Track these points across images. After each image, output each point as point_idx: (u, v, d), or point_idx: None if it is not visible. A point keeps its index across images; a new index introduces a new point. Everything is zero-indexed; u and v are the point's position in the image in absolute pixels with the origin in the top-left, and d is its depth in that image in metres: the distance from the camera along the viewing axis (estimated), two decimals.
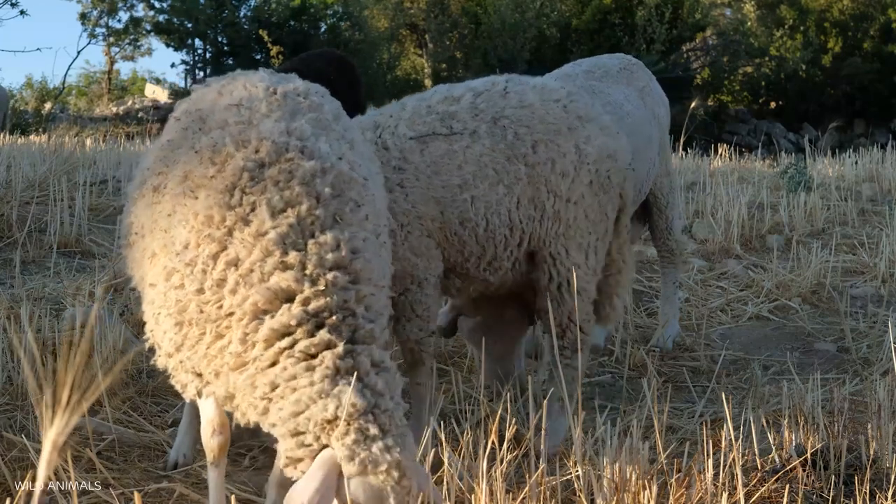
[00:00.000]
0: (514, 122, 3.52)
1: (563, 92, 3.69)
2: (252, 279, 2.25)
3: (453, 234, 3.43)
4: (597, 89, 4.59)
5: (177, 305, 2.34)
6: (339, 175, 2.43)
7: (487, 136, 3.47)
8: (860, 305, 5.83)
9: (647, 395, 3.50)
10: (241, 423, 2.37)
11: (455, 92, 3.63)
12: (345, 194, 2.41)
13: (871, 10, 23.67)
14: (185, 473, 3.29)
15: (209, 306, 2.28)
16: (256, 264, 2.25)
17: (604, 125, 3.71)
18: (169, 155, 2.59)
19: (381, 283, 2.45)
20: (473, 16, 22.62)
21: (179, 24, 24.28)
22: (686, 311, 5.72)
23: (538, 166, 3.50)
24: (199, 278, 2.29)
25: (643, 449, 2.65)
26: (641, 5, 21.34)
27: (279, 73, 2.88)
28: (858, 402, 4.09)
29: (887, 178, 9.64)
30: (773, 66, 23.59)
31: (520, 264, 3.58)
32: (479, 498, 2.52)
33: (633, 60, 5.07)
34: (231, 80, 2.79)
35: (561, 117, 3.59)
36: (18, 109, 20.64)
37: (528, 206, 3.51)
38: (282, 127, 2.47)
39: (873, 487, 2.93)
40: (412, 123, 3.49)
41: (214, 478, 2.72)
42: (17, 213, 6.19)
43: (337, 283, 2.26)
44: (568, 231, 3.57)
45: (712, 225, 7.36)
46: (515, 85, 3.65)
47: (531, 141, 3.52)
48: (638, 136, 4.64)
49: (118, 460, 3.39)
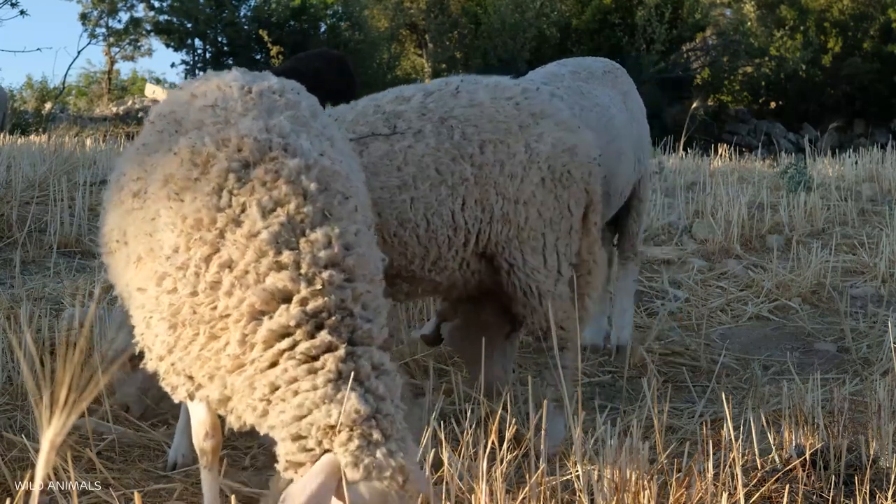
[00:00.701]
0: (462, 121, 3.46)
1: (517, 89, 3.62)
2: (248, 280, 2.24)
3: (392, 235, 3.37)
4: (584, 90, 4.56)
5: (169, 309, 2.33)
6: (323, 169, 2.41)
7: (433, 136, 3.41)
8: (860, 305, 5.83)
9: (647, 395, 3.50)
10: (236, 426, 2.35)
11: (407, 92, 3.58)
12: (331, 188, 2.40)
13: (871, 10, 23.66)
14: (185, 473, 3.29)
15: (203, 308, 2.28)
16: (251, 265, 2.25)
17: (561, 120, 3.62)
18: (146, 159, 2.57)
19: (375, 279, 2.45)
20: (473, 16, 22.63)
21: (179, 25, 24.28)
22: (686, 311, 5.72)
23: (486, 167, 3.44)
24: (192, 281, 2.28)
25: (643, 449, 2.65)
26: (641, 5, 21.33)
27: (278, 73, 2.87)
28: (858, 402, 4.09)
29: (887, 178, 9.63)
30: (773, 66, 23.57)
31: (468, 264, 3.52)
32: (479, 498, 2.52)
33: (616, 65, 5.05)
34: (204, 82, 2.76)
35: (512, 115, 3.52)
36: (18, 109, 20.63)
37: (476, 208, 3.44)
38: (261, 124, 2.46)
39: (873, 487, 2.93)
40: (355, 124, 3.44)
41: (208, 480, 2.71)
42: (17, 213, 6.19)
43: (333, 281, 2.25)
44: (521, 234, 3.50)
45: (712, 225, 7.36)
46: (468, 84, 3.59)
47: (479, 141, 3.45)
48: (624, 138, 4.62)
49: (118, 460, 3.39)
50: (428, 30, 23.48)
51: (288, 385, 2.19)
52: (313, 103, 2.82)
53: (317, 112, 2.79)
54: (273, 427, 2.22)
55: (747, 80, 24.35)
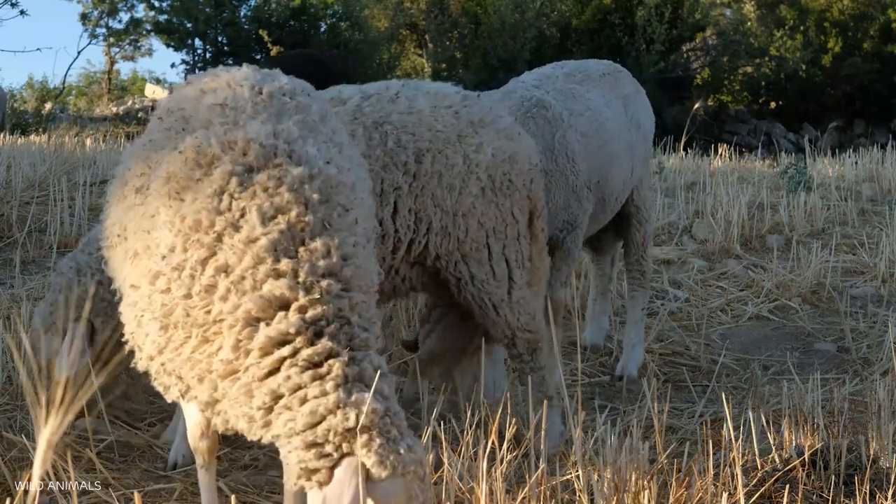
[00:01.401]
0: (399, 127, 3.36)
1: (457, 97, 3.54)
2: (244, 286, 2.22)
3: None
4: (576, 93, 4.52)
5: (162, 309, 2.31)
6: (327, 179, 2.40)
7: (363, 141, 3.30)
8: (860, 305, 5.84)
9: (647, 395, 3.50)
10: (220, 429, 2.34)
11: (346, 93, 3.49)
12: (332, 199, 2.38)
13: (871, 10, 23.65)
14: (185, 473, 3.29)
15: (196, 311, 2.26)
16: (248, 271, 2.23)
17: (501, 128, 3.54)
18: (151, 155, 2.54)
19: (371, 290, 2.44)
20: (473, 16, 22.61)
21: (179, 25, 24.28)
22: (686, 311, 5.72)
23: (423, 177, 3.35)
24: (188, 283, 2.26)
25: (643, 449, 2.65)
26: (641, 5, 21.31)
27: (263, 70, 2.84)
28: (858, 402, 4.09)
29: (887, 178, 9.63)
30: (773, 66, 23.56)
31: (397, 271, 3.43)
32: (479, 498, 2.52)
33: (619, 68, 5.01)
34: (214, 78, 2.72)
35: (451, 124, 3.43)
36: (18, 109, 20.62)
37: (409, 217, 3.35)
38: (269, 129, 2.43)
39: (873, 487, 2.93)
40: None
41: (205, 480, 2.71)
42: (17, 213, 6.20)
43: (331, 290, 2.24)
44: (462, 247, 3.43)
45: (712, 225, 7.36)
46: (409, 90, 3.50)
47: (415, 149, 3.36)
48: (616, 142, 4.59)
49: (118, 460, 3.39)
50: (428, 30, 23.48)
51: (293, 392, 2.17)
52: (323, 106, 2.78)
53: (327, 116, 2.75)
54: (278, 436, 2.19)
55: (747, 80, 24.34)
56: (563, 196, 4.24)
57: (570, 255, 4.36)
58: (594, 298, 5.29)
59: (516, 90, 4.41)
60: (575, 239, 4.34)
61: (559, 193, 4.23)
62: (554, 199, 4.20)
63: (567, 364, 4.65)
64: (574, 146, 4.30)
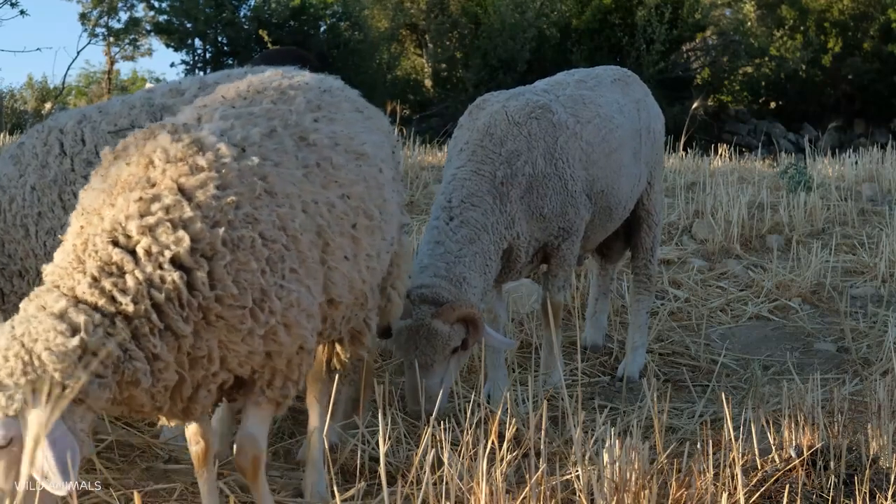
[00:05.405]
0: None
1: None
2: None
3: None
4: (586, 99, 4.54)
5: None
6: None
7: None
8: (860, 305, 5.84)
9: (647, 395, 3.50)
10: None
11: (184, 84, 3.43)
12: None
13: (871, 10, 23.63)
14: (185, 473, 3.29)
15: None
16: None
17: None
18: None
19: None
20: (473, 16, 22.59)
21: (179, 24, 24.26)
22: (686, 311, 5.72)
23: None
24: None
25: (643, 449, 2.65)
26: (641, 5, 21.30)
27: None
28: (858, 402, 4.09)
29: (887, 178, 9.63)
30: (773, 66, 23.54)
31: None
32: (479, 498, 2.52)
33: (629, 73, 5.04)
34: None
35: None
36: (18, 109, 20.61)
37: None
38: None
39: (873, 487, 2.93)
40: (118, 117, 3.32)
41: (202, 482, 2.76)
42: None
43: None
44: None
45: (712, 225, 7.36)
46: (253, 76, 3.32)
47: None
48: (623, 149, 4.59)
49: (118, 460, 3.40)
50: (428, 30, 23.47)
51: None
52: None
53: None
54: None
55: (747, 80, 24.33)
56: (559, 201, 4.24)
57: (567, 260, 4.36)
58: (595, 298, 5.28)
59: (524, 93, 4.44)
60: (571, 245, 4.34)
61: (556, 199, 4.23)
62: (550, 204, 4.20)
63: (567, 364, 4.65)
64: (576, 153, 4.31)
